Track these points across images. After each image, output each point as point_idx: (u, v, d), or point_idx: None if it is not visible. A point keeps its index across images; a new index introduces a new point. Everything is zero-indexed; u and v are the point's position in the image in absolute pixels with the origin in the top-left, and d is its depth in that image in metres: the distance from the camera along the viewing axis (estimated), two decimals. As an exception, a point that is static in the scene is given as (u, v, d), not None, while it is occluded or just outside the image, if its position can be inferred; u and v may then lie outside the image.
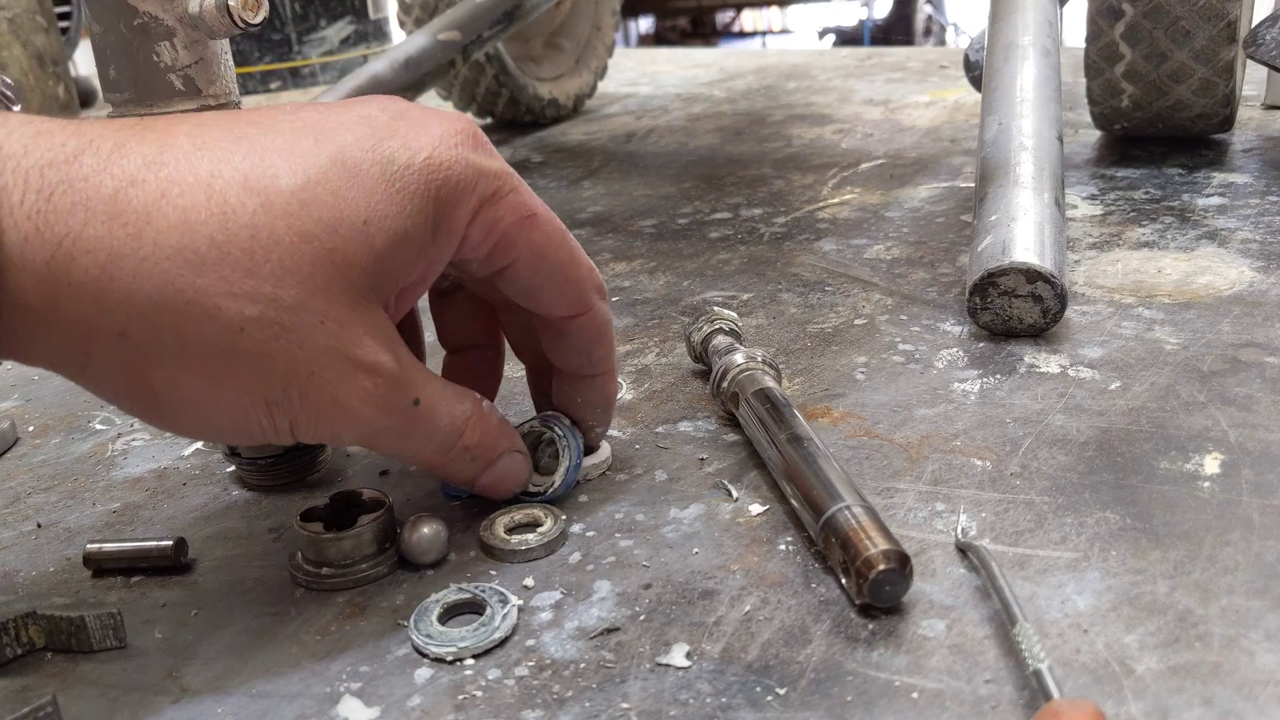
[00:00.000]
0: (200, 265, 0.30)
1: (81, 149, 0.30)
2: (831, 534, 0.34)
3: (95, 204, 0.29)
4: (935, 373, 0.50)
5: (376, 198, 0.32)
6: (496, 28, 1.05)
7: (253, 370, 0.31)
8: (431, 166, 0.33)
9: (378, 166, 0.33)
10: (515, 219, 0.36)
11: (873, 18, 5.65)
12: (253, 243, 0.31)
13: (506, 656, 0.33)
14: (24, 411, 0.55)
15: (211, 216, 0.30)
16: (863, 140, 1.03)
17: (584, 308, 0.39)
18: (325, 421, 0.33)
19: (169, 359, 0.31)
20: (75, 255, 0.29)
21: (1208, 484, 0.39)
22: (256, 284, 0.31)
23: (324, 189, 0.32)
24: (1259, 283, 0.58)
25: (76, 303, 0.29)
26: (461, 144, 0.34)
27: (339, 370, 0.32)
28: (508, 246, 0.36)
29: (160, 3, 0.40)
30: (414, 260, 0.34)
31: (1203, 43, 0.78)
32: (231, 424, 0.33)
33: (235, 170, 0.31)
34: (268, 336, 0.31)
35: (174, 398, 0.32)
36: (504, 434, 0.39)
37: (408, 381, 0.34)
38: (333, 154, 0.32)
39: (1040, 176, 0.59)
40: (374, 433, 0.35)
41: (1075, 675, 0.30)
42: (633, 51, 2.09)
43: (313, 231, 0.31)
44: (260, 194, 0.31)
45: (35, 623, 0.34)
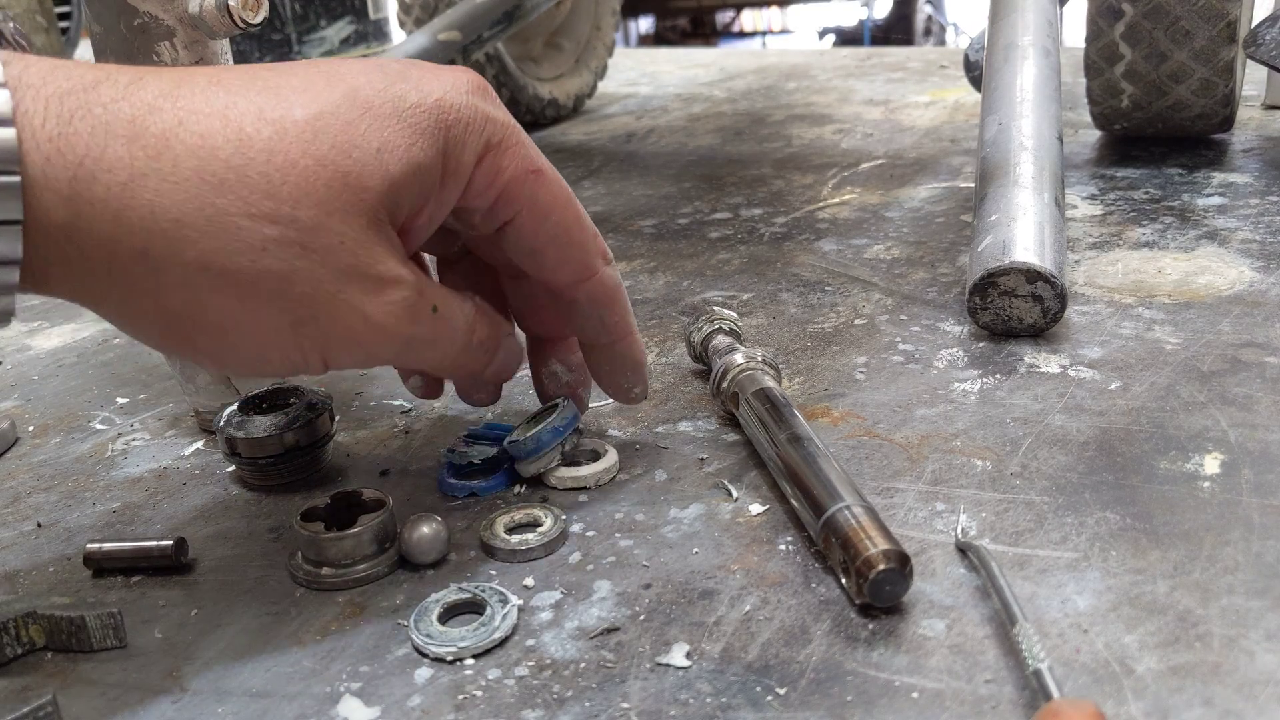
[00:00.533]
0: (219, 186, 0.30)
1: (99, 80, 0.30)
2: (831, 534, 0.34)
3: (115, 127, 0.30)
4: (935, 373, 0.50)
5: (389, 130, 0.33)
6: (496, 28, 1.05)
7: (278, 289, 0.32)
8: (442, 107, 0.34)
9: (390, 104, 0.33)
10: (519, 170, 0.36)
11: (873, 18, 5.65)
12: (268, 166, 0.31)
13: (506, 656, 0.33)
14: (24, 411, 0.55)
15: (228, 141, 0.31)
16: (863, 140, 1.03)
17: (589, 272, 0.39)
18: (358, 339, 0.34)
19: (191, 279, 0.31)
20: (96, 174, 0.29)
21: (1208, 484, 0.39)
22: (275, 205, 0.31)
23: (337, 120, 0.32)
24: (1259, 283, 0.58)
25: (98, 220, 0.29)
26: (471, 91, 0.35)
27: (364, 286, 0.33)
28: (511, 198, 0.36)
29: (160, 3, 0.41)
30: (424, 193, 0.35)
31: (1203, 43, 0.78)
32: (259, 350, 0.33)
33: (250, 103, 0.32)
34: (290, 255, 0.31)
35: (199, 322, 0.32)
36: (499, 320, 0.40)
37: (426, 290, 0.35)
38: (345, 91, 0.33)
39: (1040, 176, 0.59)
40: (406, 343, 0.35)
41: (1075, 675, 0.30)
42: (633, 51, 2.09)
43: (327, 156, 0.32)
44: (274, 123, 0.32)
45: (35, 623, 0.34)
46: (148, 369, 0.59)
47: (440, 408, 0.51)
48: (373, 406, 0.52)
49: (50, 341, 0.66)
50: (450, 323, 0.37)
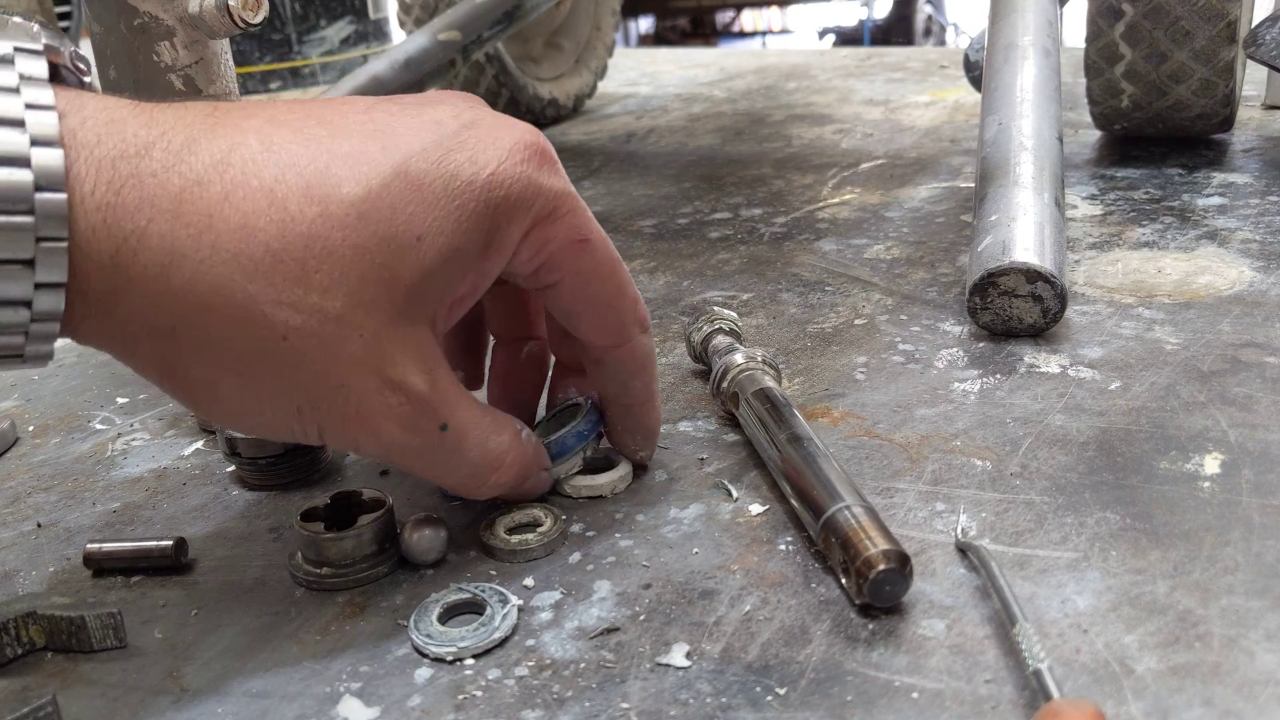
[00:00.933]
0: (254, 271, 0.31)
1: (153, 142, 0.30)
2: (831, 534, 0.34)
3: (162, 201, 0.30)
4: (935, 373, 0.50)
5: (434, 214, 0.33)
6: (496, 28, 1.05)
7: (285, 378, 0.32)
8: (494, 184, 0.33)
9: (441, 181, 0.33)
10: (567, 241, 0.36)
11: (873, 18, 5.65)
12: (306, 253, 0.31)
13: (506, 656, 0.33)
14: (24, 411, 0.55)
15: (271, 223, 0.31)
16: (863, 140, 1.03)
17: (622, 340, 0.39)
18: (350, 431, 0.34)
19: (209, 359, 0.32)
20: (139, 252, 0.30)
21: (1208, 484, 0.39)
22: (304, 294, 0.31)
23: (384, 202, 0.32)
24: (1259, 283, 0.58)
25: (133, 297, 0.30)
26: (527, 160, 0.34)
27: (367, 384, 0.33)
28: (554, 267, 0.36)
29: (160, 3, 0.41)
30: (462, 276, 0.34)
31: (1203, 43, 0.78)
32: (263, 423, 0.34)
33: (299, 176, 0.31)
34: (306, 346, 0.32)
35: (211, 394, 0.33)
36: (536, 459, 0.39)
37: (438, 404, 0.34)
38: (397, 164, 0.32)
39: (1040, 176, 0.59)
40: (396, 450, 0.35)
41: (1075, 675, 0.30)
42: (633, 51, 2.09)
43: (367, 245, 0.32)
44: (320, 203, 0.31)
45: (35, 623, 0.34)
46: (148, 369, 0.59)
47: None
48: (373, 406, 0.52)
49: (50, 341, 0.66)
50: (460, 448, 0.36)
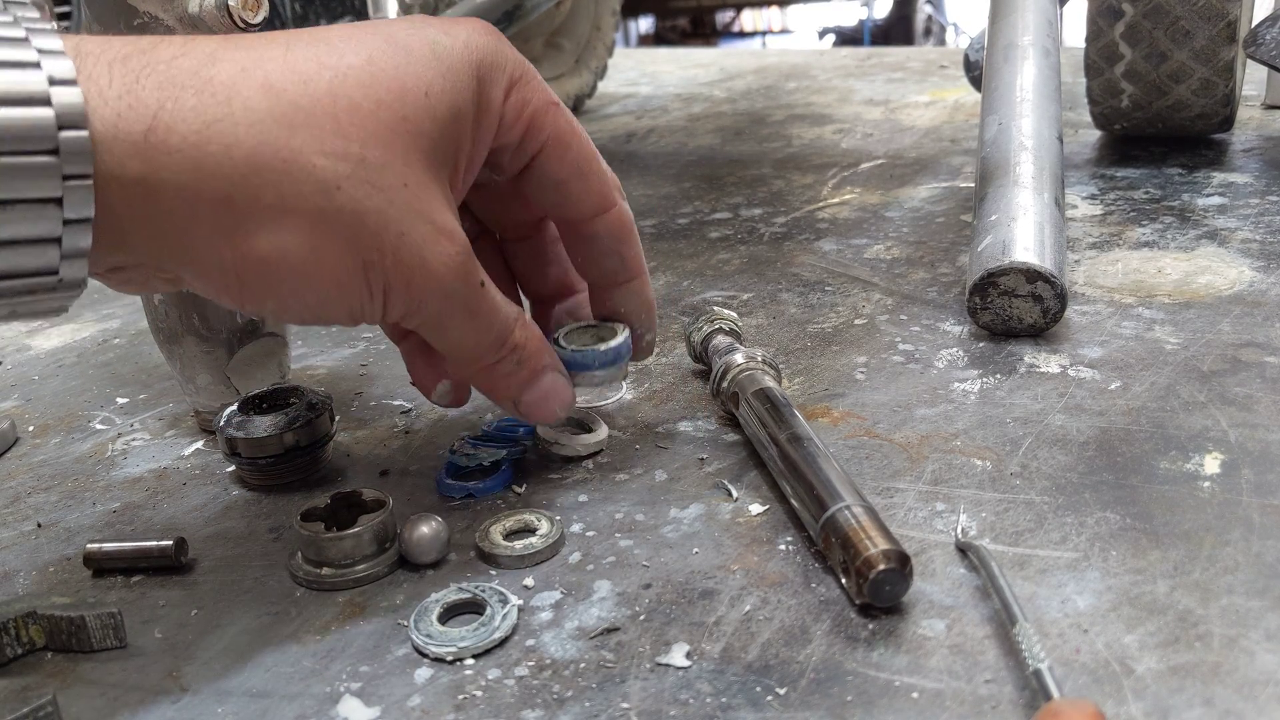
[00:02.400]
0: (291, 126, 0.31)
1: (155, 43, 0.31)
2: (831, 533, 0.34)
3: (181, 79, 0.30)
4: (935, 373, 0.50)
5: (431, 72, 0.34)
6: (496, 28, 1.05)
7: (351, 227, 0.32)
8: (470, 47, 0.36)
9: (426, 46, 0.35)
10: (541, 102, 0.38)
11: (873, 18, 5.65)
12: (334, 106, 0.32)
13: (506, 656, 0.33)
14: (24, 411, 0.55)
15: (292, 84, 0.32)
16: (863, 140, 1.03)
17: (609, 203, 0.40)
18: (416, 284, 0.34)
19: (272, 221, 0.31)
20: (171, 124, 0.30)
21: (1208, 484, 0.39)
22: (345, 143, 0.32)
23: (387, 63, 0.33)
24: (1259, 282, 0.58)
25: (177, 170, 0.30)
26: (488, 33, 0.37)
27: (424, 231, 0.34)
28: (536, 129, 0.38)
29: (160, 3, 0.41)
30: (467, 135, 0.36)
31: (1203, 43, 0.78)
32: (329, 293, 0.33)
33: (304, 50, 0.33)
34: (362, 194, 0.32)
35: (280, 266, 0.32)
36: (545, 348, 0.40)
37: (475, 259, 0.36)
38: (385, 37, 0.34)
39: (1040, 176, 0.59)
40: (451, 302, 0.35)
41: (1075, 675, 0.30)
42: (633, 51, 2.09)
43: (384, 99, 0.33)
44: (332, 68, 0.33)
45: (35, 623, 0.34)
46: (148, 369, 0.59)
47: (441, 408, 0.51)
48: (373, 406, 0.52)
49: (50, 341, 0.66)
50: (494, 305, 0.37)
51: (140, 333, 0.65)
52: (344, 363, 0.58)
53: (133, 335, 0.65)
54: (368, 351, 0.59)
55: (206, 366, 0.48)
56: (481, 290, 0.36)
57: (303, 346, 0.60)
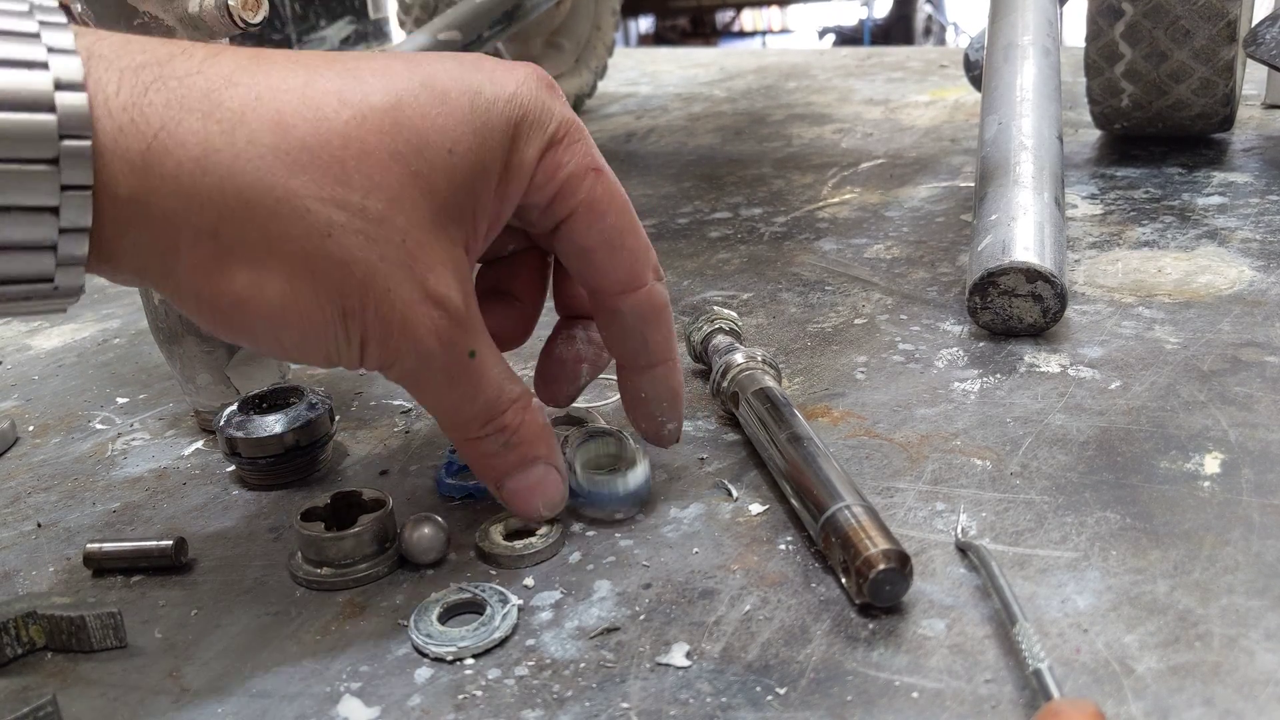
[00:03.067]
0: (293, 166, 0.30)
1: (174, 54, 0.30)
2: (831, 533, 0.34)
3: (190, 100, 0.29)
4: (935, 372, 0.50)
5: (462, 127, 0.33)
6: (496, 27, 1.05)
7: (334, 275, 0.31)
8: (514, 102, 0.34)
9: (466, 96, 0.33)
10: (579, 167, 0.36)
11: (873, 18, 5.65)
12: (345, 151, 0.31)
13: (506, 656, 0.33)
14: (24, 411, 0.55)
15: (305, 121, 0.30)
16: (863, 140, 1.03)
17: (638, 282, 0.38)
18: (393, 340, 0.33)
19: (255, 259, 0.31)
20: (170, 148, 0.29)
21: (1208, 484, 0.39)
22: (345, 192, 0.31)
23: (414, 110, 0.32)
24: (1259, 282, 0.58)
25: (169, 195, 0.29)
26: (540, 86, 0.35)
27: (411, 291, 0.32)
28: (569, 194, 0.36)
29: (160, 3, 0.41)
30: (489, 194, 0.34)
31: (1203, 42, 0.78)
32: (308, 333, 0.32)
33: (329, 83, 0.31)
34: (353, 244, 0.31)
35: (255, 301, 0.31)
36: (545, 439, 0.37)
37: (470, 327, 0.34)
38: (424, 79, 0.33)
39: (1040, 176, 0.59)
40: (428, 365, 0.34)
41: (1075, 675, 0.30)
42: (633, 51, 2.09)
43: (402, 151, 0.32)
44: (354, 107, 0.31)
45: (35, 623, 0.34)
46: (148, 369, 0.59)
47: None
48: (373, 406, 0.52)
49: (50, 341, 0.66)
50: (482, 379, 0.35)
51: (140, 333, 0.65)
52: (344, 363, 0.58)
53: (133, 335, 0.65)
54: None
55: (206, 366, 0.48)
56: (468, 362, 0.34)
57: (303, 346, 0.60)
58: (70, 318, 0.70)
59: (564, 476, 0.38)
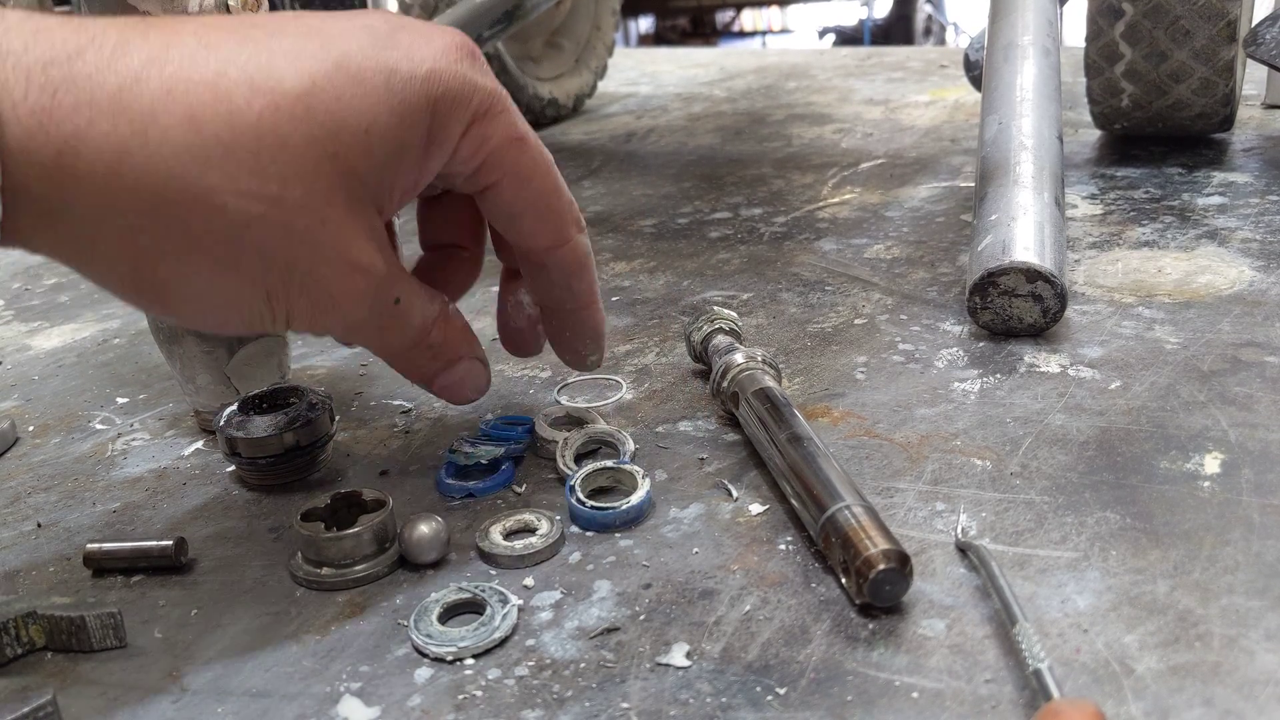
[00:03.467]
0: (207, 163, 0.30)
1: (84, 46, 0.30)
2: (831, 533, 0.34)
3: (100, 101, 0.29)
4: (935, 372, 0.50)
5: (379, 107, 0.33)
6: (496, 28, 1.05)
7: (256, 264, 0.32)
8: (432, 79, 0.34)
9: (381, 75, 0.33)
10: (504, 138, 0.36)
11: (873, 18, 5.65)
12: (259, 143, 0.31)
13: (506, 656, 0.33)
14: (24, 411, 0.55)
15: (218, 115, 0.30)
16: (863, 140, 1.03)
17: (562, 239, 0.40)
18: (319, 313, 0.34)
19: (176, 253, 0.31)
20: (82, 152, 0.29)
21: (1208, 484, 0.39)
22: (261, 184, 0.31)
23: (329, 94, 0.32)
24: (1259, 282, 0.58)
25: (86, 197, 0.29)
26: (461, 59, 0.35)
27: (335, 268, 0.34)
28: (494, 165, 0.37)
29: (160, 3, 0.40)
30: (408, 170, 0.35)
31: (1203, 42, 0.78)
32: (234, 313, 0.34)
33: (241, 70, 0.31)
34: (271, 234, 0.32)
35: (180, 289, 0.32)
36: (466, 339, 0.40)
37: (392, 281, 0.36)
38: (337, 58, 0.33)
39: (1040, 176, 0.59)
40: (358, 325, 0.36)
41: (1075, 675, 0.30)
42: (633, 51, 2.09)
43: (317, 135, 0.32)
44: (266, 94, 0.31)
45: (35, 623, 0.34)
46: (148, 369, 0.59)
47: (440, 407, 0.51)
48: (373, 406, 0.52)
49: (50, 341, 0.66)
50: (407, 317, 0.37)
51: (140, 333, 0.65)
52: (344, 363, 0.58)
53: (133, 335, 0.65)
54: (368, 352, 0.59)
55: (206, 366, 0.48)
56: (394, 308, 0.36)
57: (303, 346, 0.60)
58: (70, 318, 0.70)
59: (487, 365, 0.41)
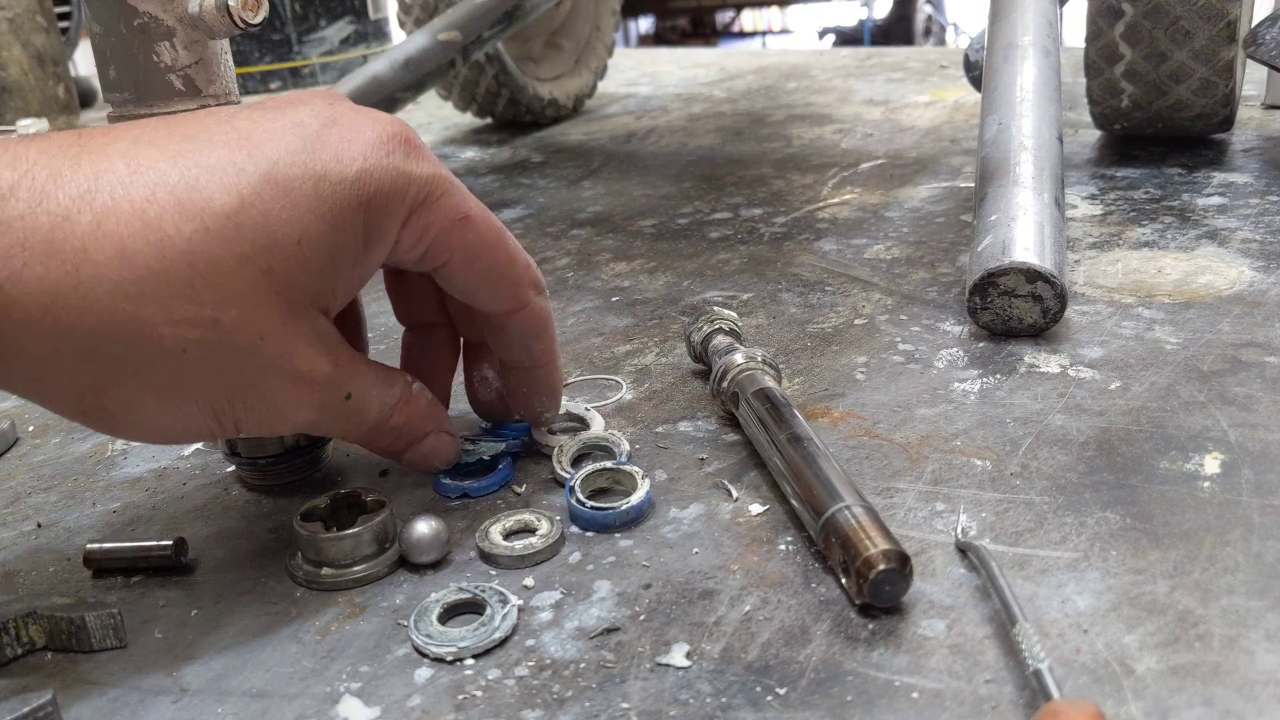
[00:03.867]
0: (140, 297, 0.31)
1: (17, 182, 0.30)
2: (831, 534, 0.34)
3: (33, 243, 0.30)
4: (935, 373, 0.50)
5: (309, 216, 0.33)
6: (496, 28, 1.05)
7: (198, 387, 0.33)
8: (363, 180, 0.34)
9: (309, 183, 0.33)
10: (447, 223, 0.37)
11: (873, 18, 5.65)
12: (191, 271, 0.31)
13: (506, 656, 0.33)
14: (24, 411, 0.55)
15: (148, 245, 0.31)
16: (863, 140, 1.03)
17: (519, 304, 0.40)
18: (268, 422, 0.35)
19: (120, 382, 0.32)
20: (17, 297, 0.30)
21: (1208, 484, 0.39)
22: (196, 310, 0.32)
23: (257, 209, 0.32)
24: (1259, 282, 0.58)
25: (24, 339, 0.30)
26: (393, 151, 0.35)
27: (278, 380, 0.34)
28: (440, 248, 0.37)
29: (160, 3, 0.40)
30: (347, 271, 0.35)
31: (1202, 43, 0.78)
32: (182, 431, 0.34)
33: (170, 194, 0.31)
34: (210, 356, 0.32)
35: (127, 415, 0.33)
36: (432, 415, 0.41)
37: (342, 380, 0.36)
38: (265, 171, 0.33)
39: (1040, 176, 0.59)
40: (310, 425, 0.37)
41: (1075, 675, 0.30)
42: (633, 51, 2.09)
43: (249, 254, 0.32)
44: (195, 217, 0.31)
45: (35, 623, 0.34)
46: (148, 369, 0.59)
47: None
48: (373, 406, 0.52)
49: (50, 341, 0.66)
50: (363, 410, 0.38)
51: (140, 333, 0.65)
52: (344, 363, 0.58)
53: (133, 335, 0.65)
54: (368, 352, 0.59)
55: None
56: (346, 405, 0.37)
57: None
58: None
59: (454, 436, 0.42)
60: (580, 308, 0.63)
